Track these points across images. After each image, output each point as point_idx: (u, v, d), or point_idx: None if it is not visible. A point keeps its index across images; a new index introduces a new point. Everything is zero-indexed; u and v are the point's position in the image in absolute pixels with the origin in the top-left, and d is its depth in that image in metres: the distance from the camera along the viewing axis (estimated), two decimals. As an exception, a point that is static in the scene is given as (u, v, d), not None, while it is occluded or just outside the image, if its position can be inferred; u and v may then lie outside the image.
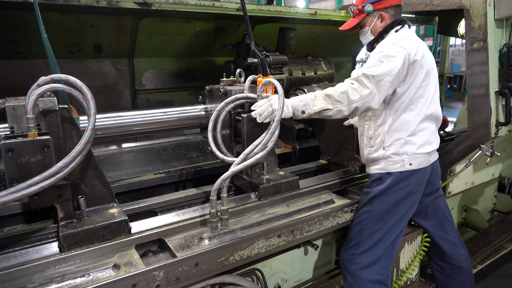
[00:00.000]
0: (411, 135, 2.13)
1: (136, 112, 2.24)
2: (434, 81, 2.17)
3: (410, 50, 2.02)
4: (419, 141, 2.13)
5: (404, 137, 2.13)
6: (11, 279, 1.43)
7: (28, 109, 1.39)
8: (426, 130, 2.16)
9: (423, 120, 2.13)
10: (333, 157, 2.81)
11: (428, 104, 2.13)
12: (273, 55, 2.86)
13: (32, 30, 2.59)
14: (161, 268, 1.54)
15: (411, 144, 2.13)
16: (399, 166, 2.14)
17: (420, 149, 2.14)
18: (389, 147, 2.15)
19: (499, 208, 3.89)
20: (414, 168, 2.15)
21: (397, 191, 2.16)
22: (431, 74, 2.14)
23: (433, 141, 2.22)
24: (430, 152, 2.20)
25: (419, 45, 2.09)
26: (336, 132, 2.74)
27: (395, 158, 2.14)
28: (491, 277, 3.44)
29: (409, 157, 2.14)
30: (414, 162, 2.14)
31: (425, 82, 2.11)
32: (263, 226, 1.91)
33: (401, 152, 2.14)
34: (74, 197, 1.66)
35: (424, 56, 2.08)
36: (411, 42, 2.07)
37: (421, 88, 2.10)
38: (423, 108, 2.12)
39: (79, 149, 1.49)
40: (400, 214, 2.19)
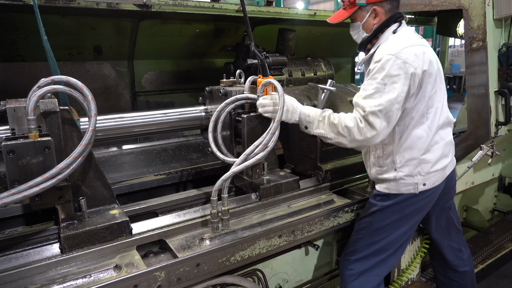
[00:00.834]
0: (426, 152, 1.93)
1: (136, 114, 2.24)
2: (442, 84, 1.99)
3: (416, 63, 1.79)
4: (434, 158, 1.94)
5: (418, 157, 1.92)
6: (13, 281, 1.43)
7: (29, 110, 1.40)
8: (440, 142, 1.97)
9: (436, 132, 1.95)
10: (297, 165, 2.56)
11: (440, 112, 1.95)
12: (272, 56, 2.86)
13: (32, 33, 2.59)
14: (163, 269, 1.54)
15: (426, 163, 1.93)
16: (412, 188, 1.96)
17: (435, 166, 1.95)
18: (402, 168, 1.95)
19: (500, 208, 3.89)
20: (427, 188, 1.97)
21: (403, 209, 2.00)
22: (438, 78, 1.93)
23: (449, 152, 2.03)
24: (445, 165, 2.01)
25: (424, 49, 1.86)
26: (299, 139, 2.49)
27: (408, 180, 1.95)
28: (492, 276, 3.44)
29: (423, 178, 1.95)
30: (428, 182, 1.96)
31: (434, 89, 1.90)
32: (264, 226, 1.91)
33: (415, 173, 1.94)
34: (75, 198, 1.66)
35: (431, 62, 1.86)
36: (416, 49, 1.82)
37: (431, 98, 1.90)
38: (435, 119, 1.93)
39: (80, 150, 1.49)
40: (402, 230, 2.05)
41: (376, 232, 2.05)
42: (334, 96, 2.61)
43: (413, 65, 1.79)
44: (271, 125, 1.99)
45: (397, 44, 1.85)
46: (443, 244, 2.34)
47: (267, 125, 2.06)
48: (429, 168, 1.94)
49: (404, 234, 2.07)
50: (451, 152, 2.08)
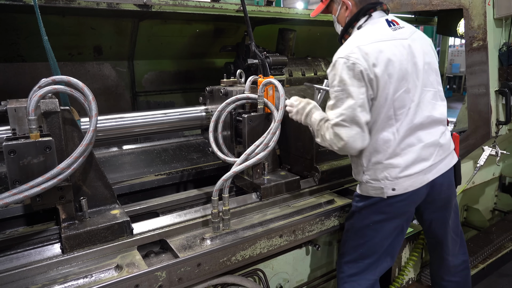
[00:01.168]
0: (393, 156, 1.78)
1: (136, 114, 2.25)
2: (419, 82, 1.79)
3: (366, 64, 1.67)
4: (404, 162, 1.78)
5: (383, 161, 1.80)
6: (14, 281, 1.43)
7: (30, 110, 1.40)
8: (417, 145, 1.80)
9: (409, 135, 1.78)
10: (293, 166, 2.52)
11: (414, 112, 1.77)
12: (273, 56, 2.86)
13: (32, 33, 2.59)
14: (164, 269, 1.54)
15: (393, 168, 1.79)
16: (380, 193, 1.84)
17: (406, 171, 1.79)
18: (368, 172, 1.86)
19: (500, 207, 3.89)
20: (398, 193, 1.82)
21: (377, 212, 1.90)
22: (409, 76, 1.75)
23: (430, 155, 1.83)
24: (424, 169, 1.82)
25: (382, 47, 1.71)
26: (295, 140, 2.46)
27: (374, 184, 1.85)
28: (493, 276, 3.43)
29: (390, 182, 1.80)
30: (398, 187, 1.80)
31: (404, 88, 1.74)
32: (264, 226, 1.91)
33: (381, 177, 1.82)
34: (76, 199, 1.66)
35: (390, 61, 1.69)
36: (369, 48, 1.69)
37: (400, 98, 1.74)
38: (406, 120, 1.76)
39: (81, 150, 1.49)
40: (383, 234, 1.93)
41: (358, 234, 1.98)
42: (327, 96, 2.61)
43: (363, 66, 1.67)
44: (272, 125, 1.99)
45: (351, 43, 1.74)
46: (437, 252, 2.23)
47: (267, 125, 2.07)
48: (398, 173, 1.79)
49: (386, 238, 1.94)
50: (435, 155, 1.85)
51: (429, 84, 1.85)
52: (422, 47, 1.86)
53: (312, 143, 2.31)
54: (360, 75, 1.68)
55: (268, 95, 2.11)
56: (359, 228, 1.97)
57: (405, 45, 1.78)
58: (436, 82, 1.90)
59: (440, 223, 2.09)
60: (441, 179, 1.91)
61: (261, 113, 2.10)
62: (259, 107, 2.09)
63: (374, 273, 2.02)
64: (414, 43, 1.82)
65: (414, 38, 1.85)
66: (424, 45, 1.88)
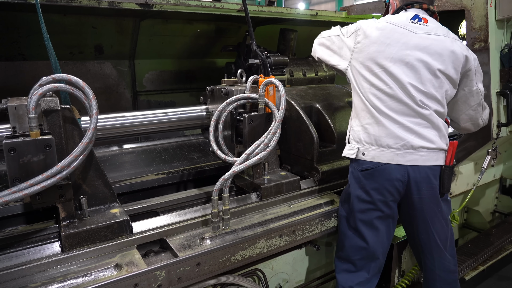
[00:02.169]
0: (370, 123, 1.92)
1: (137, 113, 2.24)
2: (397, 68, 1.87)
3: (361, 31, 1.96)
4: (377, 132, 1.90)
5: (363, 125, 1.96)
6: (13, 279, 1.43)
7: (30, 108, 1.40)
8: (393, 122, 1.88)
9: (384, 112, 1.88)
10: (294, 166, 2.51)
11: (386, 94, 1.88)
12: (274, 56, 2.86)
13: (33, 32, 2.59)
14: (163, 268, 1.54)
15: (367, 133, 1.93)
16: (352, 153, 1.98)
17: (378, 140, 1.90)
18: (351, 131, 2.04)
19: (500, 209, 3.88)
20: (367, 159, 1.92)
21: (357, 184, 1.98)
22: (391, 60, 1.87)
23: (404, 137, 1.87)
24: (395, 148, 1.88)
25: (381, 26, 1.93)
26: (296, 140, 2.44)
27: (352, 144, 2.01)
28: (492, 278, 3.43)
29: (363, 147, 1.95)
30: (367, 154, 1.93)
31: (380, 69, 1.89)
32: (264, 226, 1.91)
33: (356, 139, 1.98)
34: (75, 197, 1.66)
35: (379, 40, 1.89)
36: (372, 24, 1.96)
37: (374, 76, 1.91)
38: (380, 98, 1.89)
39: (81, 149, 1.49)
40: (347, 207, 2.04)
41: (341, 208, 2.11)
42: (332, 97, 2.60)
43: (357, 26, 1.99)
44: (272, 124, 1.99)
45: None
46: (422, 263, 2.15)
47: (268, 125, 2.06)
48: (369, 140, 1.93)
49: (349, 213, 2.02)
50: (412, 140, 1.86)
51: (412, 78, 1.88)
52: (429, 47, 1.89)
53: (312, 143, 2.31)
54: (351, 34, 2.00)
55: (269, 95, 2.11)
56: (343, 216, 2.07)
57: (406, 36, 1.90)
58: (430, 84, 1.89)
59: (425, 229, 2.01)
60: (417, 175, 1.90)
61: (261, 113, 2.09)
62: (260, 107, 2.08)
63: (367, 270, 2.05)
64: (418, 40, 1.89)
65: (426, 37, 1.90)
66: (434, 46, 1.89)
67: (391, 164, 1.89)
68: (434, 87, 1.90)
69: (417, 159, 1.89)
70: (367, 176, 1.95)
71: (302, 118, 2.34)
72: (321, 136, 2.41)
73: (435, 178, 1.94)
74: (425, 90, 1.88)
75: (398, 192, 1.93)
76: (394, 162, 1.89)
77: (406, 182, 1.91)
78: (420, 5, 2.01)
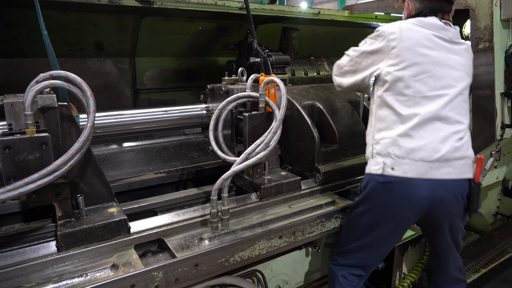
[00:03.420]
0: (401, 135, 1.77)
1: (137, 111, 2.22)
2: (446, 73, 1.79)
3: (395, 33, 1.80)
4: (411, 145, 1.75)
5: (391, 137, 1.79)
6: (8, 279, 1.41)
7: (26, 105, 1.37)
8: (429, 133, 1.75)
9: (421, 121, 1.76)
10: (294, 166, 2.48)
11: (433, 101, 1.76)
12: (275, 54, 2.83)
13: (33, 28, 2.57)
14: (160, 269, 1.51)
15: (398, 146, 1.77)
16: (379, 168, 1.81)
17: (411, 154, 1.74)
18: (376, 145, 1.86)
19: (503, 211, 3.84)
20: (397, 174, 1.76)
21: (373, 199, 1.86)
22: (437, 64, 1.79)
23: (441, 148, 1.74)
24: (431, 160, 1.73)
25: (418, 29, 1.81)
26: (296, 139, 2.41)
27: (378, 158, 1.83)
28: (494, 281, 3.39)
29: (392, 161, 1.77)
30: (397, 168, 1.76)
31: (425, 74, 1.76)
32: (264, 227, 1.88)
33: (384, 153, 1.80)
34: (72, 196, 1.64)
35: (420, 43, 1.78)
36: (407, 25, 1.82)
37: (418, 81, 1.77)
38: (422, 106, 1.76)
39: (77, 147, 1.46)
40: (377, 228, 1.90)
41: (353, 225, 1.99)
42: (334, 96, 2.58)
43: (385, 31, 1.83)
44: (273, 124, 1.96)
45: None
46: (437, 263, 2.13)
47: (268, 124, 2.04)
48: (402, 153, 1.76)
49: (379, 232, 1.90)
50: (447, 150, 1.75)
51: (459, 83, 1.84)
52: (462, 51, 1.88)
53: (313, 143, 2.28)
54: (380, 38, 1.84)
55: (270, 94, 2.08)
56: (354, 215, 1.96)
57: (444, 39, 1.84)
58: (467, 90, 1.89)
59: (444, 239, 1.98)
60: (444, 193, 1.78)
61: (262, 111, 2.07)
62: (261, 105, 2.06)
63: (363, 270, 2.03)
64: (453, 44, 1.86)
65: (457, 42, 1.88)
66: (464, 51, 1.89)
67: (419, 180, 1.75)
68: (468, 92, 1.90)
69: (451, 172, 1.77)
70: (388, 189, 1.81)
71: (303, 117, 2.31)
72: (323, 136, 2.38)
73: (462, 197, 1.83)
74: (466, 96, 1.87)
75: (421, 209, 1.82)
76: (428, 176, 1.74)
77: (432, 200, 1.78)
78: (442, 15, 1.92)
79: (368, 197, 1.88)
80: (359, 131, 2.46)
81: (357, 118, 2.50)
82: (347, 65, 2.00)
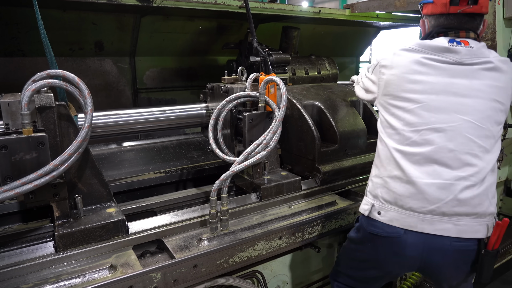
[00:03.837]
0: (391, 176, 1.59)
1: (136, 110, 2.20)
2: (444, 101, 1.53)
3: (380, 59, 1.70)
4: (401, 191, 1.54)
5: (382, 176, 1.63)
6: (5, 279, 1.40)
7: (23, 105, 1.36)
8: (423, 180, 1.51)
9: (421, 164, 1.53)
10: (295, 166, 2.45)
11: (426, 136, 1.53)
12: (276, 53, 2.82)
13: (32, 28, 2.56)
14: (159, 270, 1.50)
15: (388, 189, 1.59)
16: (367, 209, 1.67)
17: (399, 201, 1.55)
18: (369, 182, 1.75)
19: (505, 212, 3.82)
20: (383, 220, 1.59)
21: (364, 245, 1.73)
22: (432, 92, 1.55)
23: (434, 200, 1.48)
24: (422, 212, 1.50)
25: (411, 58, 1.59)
26: (297, 139, 2.39)
27: (368, 197, 1.70)
28: (497, 282, 3.37)
29: (380, 205, 1.61)
30: (384, 213, 1.59)
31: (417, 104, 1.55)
32: (264, 227, 1.87)
33: (374, 193, 1.66)
34: (70, 196, 1.63)
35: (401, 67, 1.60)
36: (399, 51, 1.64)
37: (408, 113, 1.57)
38: (414, 142, 1.54)
39: (75, 147, 1.45)
40: (369, 270, 1.80)
41: (349, 256, 1.91)
42: (334, 96, 2.55)
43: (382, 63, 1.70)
44: (273, 123, 1.94)
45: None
46: None
47: (268, 124, 2.02)
48: (390, 198, 1.59)
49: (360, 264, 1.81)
50: (444, 202, 1.48)
51: (468, 114, 1.52)
52: (482, 86, 1.53)
53: (314, 143, 2.26)
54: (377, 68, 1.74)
55: (270, 93, 2.07)
56: (349, 249, 1.90)
57: (448, 63, 1.56)
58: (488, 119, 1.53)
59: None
60: (440, 258, 1.52)
61: (262, 111, 2.05)
62: (260, 105, 2.04)
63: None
64: (469, 73, 1.54)
65: (477, 70, 1.55)
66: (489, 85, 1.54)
67: (408, 233, 1.53)
68: (492, 122, 1.55)
69: (449, 228, 1.48)
70: (374, 241, 1.66)
71: (303, 117, 2.29)
72: (323, 135, 2.37)
73: (465, 264, 1.54)
74: (485, 128, 1.52)
75: (413, 267, 1.65)
76: (418, 230, 1.51)
77: (424, 263, 1.58)
78: (456, 33, 1.62)
79: (360, 241, 1.77)
80: (360, 131, 2.44)
81: (358, 118, 2.48)
82: (361, 81, 1.98)
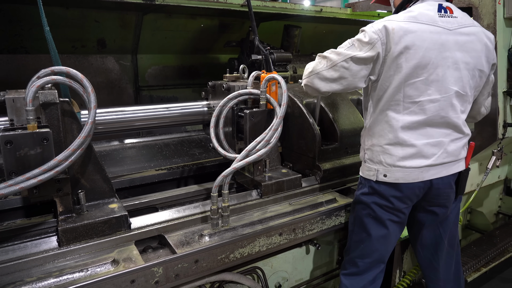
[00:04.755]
0: (391, 143, 1.77)
1: (138, 107, 2.23)
2: (443, 77, 1.68)
3: (386, 37, 1.64)
4: (402, 153, 1.75)
5: (382, 145, 1.80)
6: (9, 273, 1.42)
7: (28, 101, 1.38)
8: (419, 140, 1.74)
9: (415, 128, 1.74)
10: (295, 164, 2.47)
11: (428, 106, 1.70)
12: (277, 52, 2.83)
13: (35, 25, 2.58)
14: (160, 264, 1.52)
15: (389, 155, 1.78)
16: (372, 175, 1.84)
17: (401, 162, 1.76)
18: (367, 151, 1.89)
19: (504, 211, 3.83)
20: (390, 181, 1.79)
21: (374, 202, 1.87)
22: (432, 68, 1.66)
23: (430, 155, 1.76)
24: (421, 167, 1.76)
25: (411, 28, 1.63)
26: (297, 137, 2.41)
27: (369, 165, 1.86)
28: (495, 280, 3.39)
29: (384, 168, 1.80)
30: (389, 175, 1.79)
31: (420, 77, 1.66)
32: (264, 223, 1.89)
33: (376, 160, 1.83)
34: (74, 191, 1.65)
35: (414, 45, 1.63)
36: (396, 25, 1.63)
37: (413, 86, 1.68)
38: (415, 111, 1.71)
39: (79, 143, 1.47)
40: (379, 228, 1.90)
41: (360, 228, 1.96)
42: (335, 94, 2.57)
43: (382, 39, 1.65)
44: (274, 121, 1.96)
45: (384, 19, 1.73)
46: (427, 268, 2.11)
47: (269, 121, 2.04)
48: (393, 162, 1.77)
49: (382, 234, 1.90)
50: (437, 156, 1.77)
51: (457, 84, 1.72)
52: (466, 44, 1.71)
53: (314, 140, 2.28)
54: (371, 45, 1.67)
55: (271, 91, 2.08)
56: (359, 219, 1.96)
57: (442, 35, 1.67)
58: (468, 86, 1.76)
59: (433, 228, 2.00)
60: (440, 181, 1.84)
61: (263, 109, 2.07)
62: (262, 103, 2.06)
63: (369, 274, 2.00)
64: (455, 37, 1.70)
65: (460, 32, 1.71)
66: (470, 43, 1.73)
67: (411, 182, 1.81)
68: (471, 88, 1.79)
69: (441, 171, 1.82)
70: (386, 187, 1.83)
71: (304, 115, 2.31)
72: (324, 133, 2.38)
73: (453, 182, 1.90)
74: (465, 94, 1.76)
75: (417, 197, 1.87)
76: (419, 180, 1.79)
77: (427, 189, 1.85)
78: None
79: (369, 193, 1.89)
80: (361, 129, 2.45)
81: (358, 116, 2.50)
82: (326, 70, 1.80)
